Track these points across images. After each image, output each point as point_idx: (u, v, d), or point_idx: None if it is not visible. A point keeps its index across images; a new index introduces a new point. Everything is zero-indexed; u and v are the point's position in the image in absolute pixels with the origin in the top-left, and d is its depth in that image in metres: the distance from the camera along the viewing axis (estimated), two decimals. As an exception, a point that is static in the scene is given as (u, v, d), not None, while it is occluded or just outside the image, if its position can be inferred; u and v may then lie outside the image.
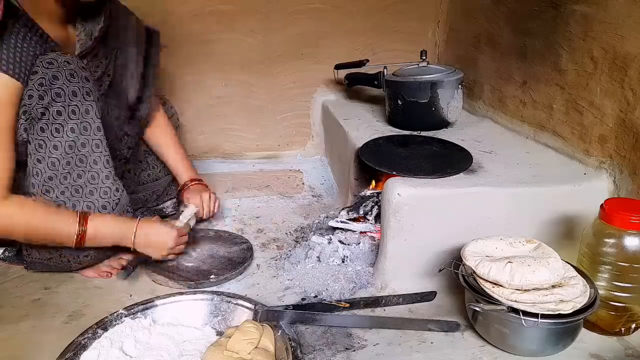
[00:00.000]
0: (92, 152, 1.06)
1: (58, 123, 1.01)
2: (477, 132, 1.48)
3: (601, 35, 1.12)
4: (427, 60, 1.56)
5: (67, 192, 1.04)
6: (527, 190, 1.10)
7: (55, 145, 1.01)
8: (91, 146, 1.05)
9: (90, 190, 1.07)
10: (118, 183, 1.11)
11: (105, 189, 1.09)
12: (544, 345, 0.88)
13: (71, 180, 1.04)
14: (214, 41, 1.76)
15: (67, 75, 1.00)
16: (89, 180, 1.06)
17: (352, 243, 1.24)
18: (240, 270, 1.19)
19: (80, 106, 1.02)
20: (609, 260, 0.92)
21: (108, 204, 1.09)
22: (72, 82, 1.01)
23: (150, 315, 0.97)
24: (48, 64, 0.99)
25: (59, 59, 1.00)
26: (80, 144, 1.04)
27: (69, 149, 1.03)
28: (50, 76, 0.99)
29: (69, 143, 1.02)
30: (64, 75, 1.00)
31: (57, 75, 0.99)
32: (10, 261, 1.19)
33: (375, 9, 1.84)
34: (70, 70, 1.00)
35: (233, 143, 1.90)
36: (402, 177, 1.13)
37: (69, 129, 1.02)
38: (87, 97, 1.03)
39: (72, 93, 1.01)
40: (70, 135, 1.02)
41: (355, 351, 0.93)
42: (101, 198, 1.08)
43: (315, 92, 1.91)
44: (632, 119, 1.05)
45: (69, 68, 1.00)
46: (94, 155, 1.06)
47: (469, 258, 0.94)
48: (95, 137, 1.06)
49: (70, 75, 1.00)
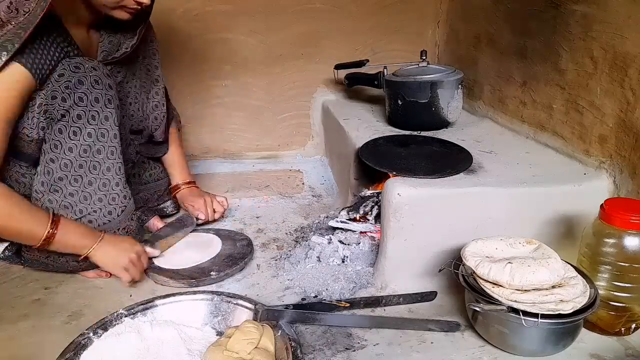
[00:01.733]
0: (107, 159, 1.07)
1: (77, 126, 1.02)
2: (477, 132, 1.48)
3: (601, 35, 1.12)
4: (427, 60, 1.56)
5: (76, 195, 1.06)
6: (527, 190, 1.10)
7: (70, 148, 1.03)
8: (106, 153, 1.07)
9: (100, 197, 1.08)
10: (127, 190, 1.13)
11: (114, 195, 1.10)
12: (544, 345, 0.88)
13: (82, 185, 1.05)
14: (214, 41, 1.76)
15: (92, 82, 1.02)
16: (99, 187, 1.07)
17: (352, 243, 1.24)
18: (241, 266, 1.19)
19: (101, 113, 1.04)
20: (609, 260, 0.92)
21: (114, 210, 1.10)
22: (95, 89, 1.03)
23: (150, 315, 0.97)
24: (75, 67, 1.01)
25: (86, 65, 1.02)
26: (96, 150, 1.05)
27: (84, 153, 1.04)
28: (76, 80, 1.00)
29: (84, 147, 1.04)
30: (89, 81, 1.02)
31: (82, 80, 1.01)
32: (10, 261, 1.19)
33: (375, 9, 1.84)
34: (95, 77, 1.02)
35: (233, 143, 1.90)
36: (402, 177, 1.13)
37: (86, 134, 1.03)
38: (108, 105, 1.05)
39: (94, 99, 1.03)
40: (87, 140, 1.03)
41: (355, 351, 0.93)
42: (109, 204, 1.09)
43: (315, 92, 1.91)
44: (632, 119, 1.05)
45: (94, 74, 1.02)
46: (108, 162, 1.08)
47: (469, 258, 0.94)
48: (111, 145, 1.07)
49: (95, 81, 1.02)
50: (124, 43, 1.18)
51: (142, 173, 1.40)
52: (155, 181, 1.43)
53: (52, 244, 1.02)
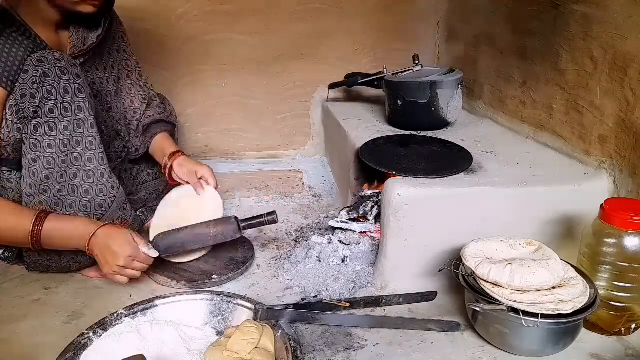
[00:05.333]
0: (87, 149, 1.05)
1: (51, 121, 1.00)
2: (477, 132, 1.48)
3: (601, 35, 1.12)
4: (421, 64, 1.55)
5: (64, 190, 1.04)
6: (527, 191, 1.10)
7: (49, 144, 1.01)
8: (85, 143, 1.04)
9: (86, 190, 1.06)
10: (114, 180, 1.11)
11: (101, 186, 1.08)
12: (544, 345, 0.88)
13: (67, 178, 1.04)
14: (214, 41, 1.76)
15: (58, 73, 0.99)
16: (84, 179, 1.06)
17: (352, 243, 1.24)
18: (243, 270, 1.19)
19: (73, 103, 1.02)
20: (609, 260, 0.92)
21: (104, 201, 1.09)
22: (63, 80, 1.00)
23: (150, 316, 0.97)
24: (38, 62, 0.98)
25: (49, 56, 1.00)
26: (75, 142, 1.03)
27: (64, 147, 1.02)
28: (41, 74, 0.98)
29: (63, 141, 1.02)
30: (55, 73, 0.99)
31: (47, 73, 0.98)
32: (11, 261, 1.19)
33: (375, 9, 1.84)
34: (60, 68, 1.00)
35: (233, 143, 1.89)
36: (402, 177, 1.13)
37: (62, 127, 1.01)
38: (79, 94, 1.02)
39: (63, 90, 1.00)
40: (64, 134, 1.01)
41: (356, 351, 0.93)
42: (97, 196, 1.08)
43: (315, 92, 1.91)
44: (632, 119, 1.05)
45: (59, 65, 1.00)
46: (89, 152, 1.05)
47: (468, 259, 0.94)
48: (89, 134, 1.05)
49: (61, 72, 1.00)
50: (89, 37, 1.14)
51: (139, 173, 1.40)
52: (153, 180, 1.43)
53: (42, 241, 0.99)
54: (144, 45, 1.65)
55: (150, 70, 1.67)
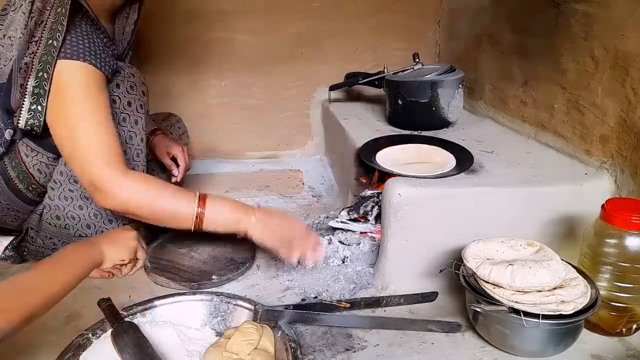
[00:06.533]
0: (133, 160, 1.11)
1: None
2: (477, 132, 1.48)
3: (603, 35, 1.11)
4: (422, 62, 1.55)
5: None
6: (528, 190, 1.10)
7: None
8: (132, 155, 1.11)
9: None
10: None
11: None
12: (545, 346, 0.88)
13: None
14: (214, 41, 1.76)
15: (128, 87, 1.09)
16: None
17: (353, 243, 1.23)
18: (242, 271, 1.18)
19: (132, 116, 1.09)
20: (610, 260, 0.92)
21: None
22: (130, 93, 1.08)
23: (149, 316, 0.96)
24: (115, 72, 1.07)
25: (126, 70, 1.09)
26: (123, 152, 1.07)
27: None
28: (114, 84, 1.07)
29: None
30: (125, 86, 1.08)
31: (119, 84, 1.08)
32: (12, 260, 1.19)
33: (375, 8, 1.84)
34: (131, 83, 1.09)
35: (233, 143, 1.89)
36: (402, 177, 1.13)
37: None
38: (139, 110, 1.11)
39: (127, 103, 1.09)
40: None
41: (356, 352, 0.93)
42: None
43: (315, 92, 1.91)
44: (634, 118, 1.05)
45: (131, 80, 1.10)
46: (133, 163, 1.11)
47: (469, 260, 0.94)
48: (137, 148, 1.12)
49: (130, 87, 1.09)
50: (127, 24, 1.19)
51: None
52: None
53: (205, 223, 1.04)
54: (144, 45, 1.65)
55: (150, 70, 1.66)
